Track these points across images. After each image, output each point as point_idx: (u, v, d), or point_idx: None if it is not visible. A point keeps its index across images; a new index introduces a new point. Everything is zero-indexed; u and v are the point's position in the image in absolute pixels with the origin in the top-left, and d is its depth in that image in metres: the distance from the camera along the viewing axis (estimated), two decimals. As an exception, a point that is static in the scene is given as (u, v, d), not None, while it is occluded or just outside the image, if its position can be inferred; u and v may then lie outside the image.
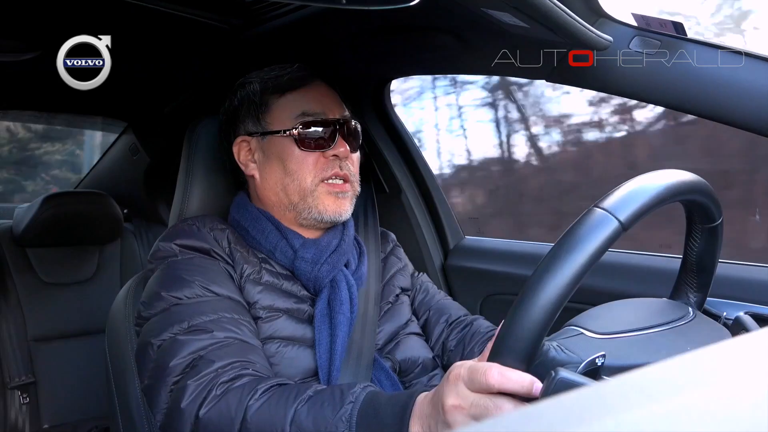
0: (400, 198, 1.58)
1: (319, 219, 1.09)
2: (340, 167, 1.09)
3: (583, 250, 0.59)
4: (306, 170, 1.07)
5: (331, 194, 1.08)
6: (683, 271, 0.85)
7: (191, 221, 1.08)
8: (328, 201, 1.08)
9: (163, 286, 0.97)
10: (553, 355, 0.63)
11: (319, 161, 1.08)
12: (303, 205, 1.08)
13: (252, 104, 1.12)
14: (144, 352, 0.93)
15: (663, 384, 0.29)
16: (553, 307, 0.59)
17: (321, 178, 1.08)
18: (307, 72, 1.13)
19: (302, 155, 1.08)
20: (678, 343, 0.69)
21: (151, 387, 0.89)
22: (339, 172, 1.09)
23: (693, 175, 0.70)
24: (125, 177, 2.36)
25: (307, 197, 1.08)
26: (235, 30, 1.29)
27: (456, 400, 0.64)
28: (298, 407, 0.78)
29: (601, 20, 1.05)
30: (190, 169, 1.21)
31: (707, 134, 2.34)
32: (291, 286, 1.06)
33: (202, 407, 0.82)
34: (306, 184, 1.07)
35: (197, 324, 0.91)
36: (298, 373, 0.99)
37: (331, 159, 1.09)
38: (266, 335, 0.99)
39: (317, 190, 1.08)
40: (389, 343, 1.13)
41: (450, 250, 1.58)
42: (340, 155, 1.09)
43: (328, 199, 1.08)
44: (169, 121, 1.99)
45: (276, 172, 1.09)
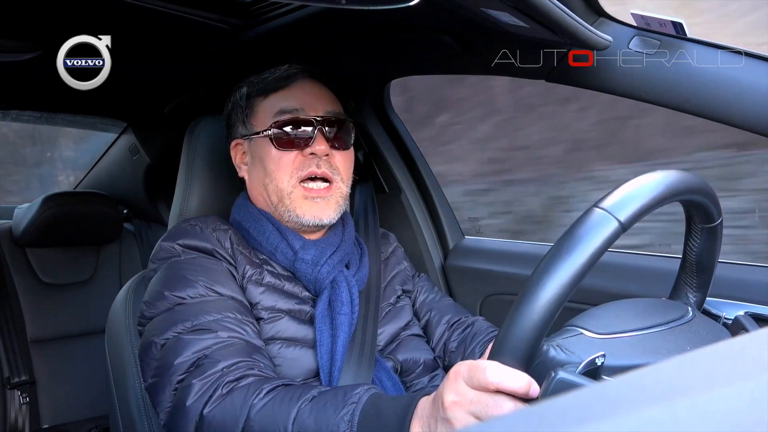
0: (400, 198, 1.58)
1: (299, 222, 1.07)
2: (317, 165, 1.06)
3: (583, 250, 0.59)
4: (282, 170, 1.06)
5: (307, 198, 1.06)
6: (682, 270, 0.85)
7: (194, 221, 1.08)
8: (304, 205, 1.06)
9: (167, 286, 0.97)
10: (552, 355, 0.63)
11: (296, 160, 1.07)
12: (282, 207, 1.07)
13: (239, 108, 1.14)
14: (147, 351, 0.93)
15: (662, 385, 0.29)
16: (553, 306, 0.59)
17: (297, 178, 1.06)
18: (296, 70, 1.12)
19: (278, 155, 1.07)
20: (678, 342, 0.69)
21: (155, 385, 0.90)
22: (315, 170, 1.06)
23: (693, 175, 0.70)
24: (125, 177, 2.36)
25: (284, 198, 1.06)
26: (235, 30, 1.29)
27: (455, 397, 0.65)
28: (302, 407, 0.78)
29: (600, 20, 1.05)
30: (190, 169, 1.21)
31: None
32: (292, 287, 1.06)
33: (206, 406, 0.82)
34: (283, 184, 1.06)
35: (201, 323, 0.91)
36: (300, 374, 0.99)
37: (309, 157, 1.07)
38: (268, 336, 0.99)
39: (294, 192, 1.06)
40: (390, 344, 1.13)
41: (450, 250, 1.58)
42: (318, 153, 1.06)
43: (304, 204, 1.06)
44: (169, 121, 1.99)
45: (259, 173, 1.10)
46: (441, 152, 3.54)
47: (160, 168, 2.23)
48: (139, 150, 2.24)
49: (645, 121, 2.76)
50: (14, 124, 2.89)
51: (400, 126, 1.60)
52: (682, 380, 0.29)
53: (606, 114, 2.93)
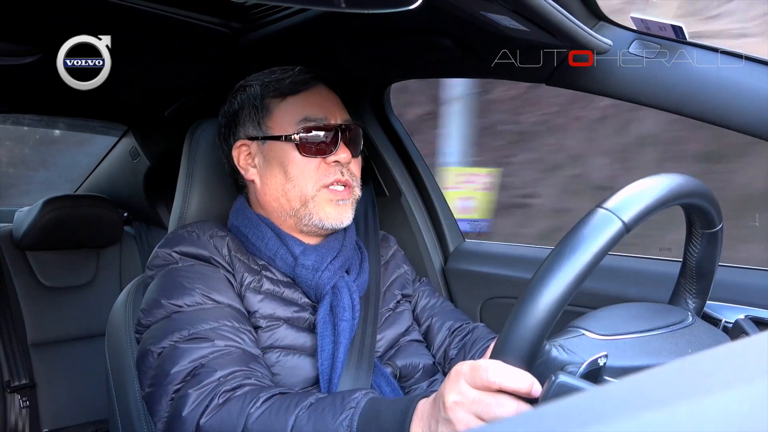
0: (400, 201, 1.58)
1: (320, 226, 1.07)
2: (342, 173, 1.07)
3: (587, 250, 0.59)
4: (307, 176, 1.06)
5: (332, 202, 1.07)
6: (682, 276, 0.85)
7: (191, 228, 1.06)
8: (329, 208, 1.07)
9: (163, 294, 0.96)
10: (555, 355, 0.63)
11: (321, 167, 1.07)
12: (304, 211, 1.07)
13: (253, 108, 1.10)
14: (144, 359, 0.93)
15: (662, 388, 0.29)
16: (556, 306, 0.59)
17: (322, 184, 1.06)
18: (308, 75, 1.11)
19: (303, 161, 1.06)
20: (679, 345, 0.70)
21: (152, 395, 0.89)
22: (340, 178, 1.07)
23: (695, 179, 0.71)
24: (125, 180, 2.36)
25: (308, 203, 1.06)
26: (235, 33, 1.29)
27: (457, 397, 0.64)
28: (299, 414, 0.77)
29: (600, 24, 1.05)
30: (190, 172, 1.21)
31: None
32: (292, 293, 1.05)
33: (203, 416, 0.81)
34: (307, 190, 1.06)
35: (198, 332, 0.90)
36: (299, 382, 0.98)
37: (333, 165, 1.07)
38: (266, 345, 0.98)
39: (318, 195, 1.06)
40: (390, 350, 1.12)
41: (450, 254, 1.58)
42: (342, 161, 1.07)
43: (329, 207, 1.07)
44: (169, 124, 1.99)
45: (276, 177, 1.08)
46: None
47: (160, 171, 2.23)
48: (139, 153, 2.24)
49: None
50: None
51: (400, 129, 1.60)
52: (682, 384, 0.29)
53: None
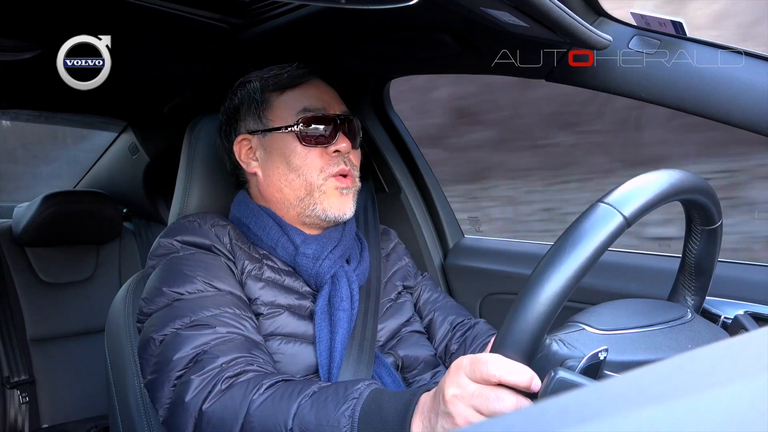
0: (399, 197, 1.58)
1: (323, 217, 1.09)
2: (345, 162, 1.09)
3: (588, 244, 0.59)
4: (311, 165, 1.08)
5: (337, 189, 1.08)
6: (681, 273, 0.85)
7: (192, 218, 1.08)
8: (333, 198, 1.08)
9: (165, 282, 0.97)
10: (555, 349, 0.63)
11: (323, 157, 1.09)
12: (309, 200, 1.08)
13: (253, 102, 1.13)
14: (146, 347, 0.93)
15: (661, 384, 0.29)
16: (557, 300, 0.59)
17: (329, 173, 1.08)
18: (306, 69, 1.14)
19: (304, 151, 1.08)
20: (679, 340, 0.70)
21: (154, 381, 0.90)
22: (345, 168, 1.09)
23: (696, 175, 0.71)
24: (125, 176, 2.36)
25: (314, 192, 1.08)
26: (235, 29, 1.29)
27: (457, 390, 0.64)
28: (302, 402, 0.78)
29: (600, 19, 1.05)
30: (189, 167, 1.21)
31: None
32: (293, 282, 1.06)
33: (206, 401, 0.82)
34: (313, 179, 1.08)
35: (199, 319, 0.91)
36: (300, 370, 0.99)
37: (334, 155, 1.09)
38: (267, 332, 0.99)
39: (325, 184, 1.08)
40: (391, 340, 1.13)
41: (449, 250, 1.58)
42: (342, 151, 1.09)
43: (333, 195, 1.08)
44: (169, 120, 1.99)
45: (279, 168, 1.10)
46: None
47: (159, 167, 2.23)
48: (138, 149, 2.24)
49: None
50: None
51: (400, 125, 1.60)
52: (681, 380, 0.29)
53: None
